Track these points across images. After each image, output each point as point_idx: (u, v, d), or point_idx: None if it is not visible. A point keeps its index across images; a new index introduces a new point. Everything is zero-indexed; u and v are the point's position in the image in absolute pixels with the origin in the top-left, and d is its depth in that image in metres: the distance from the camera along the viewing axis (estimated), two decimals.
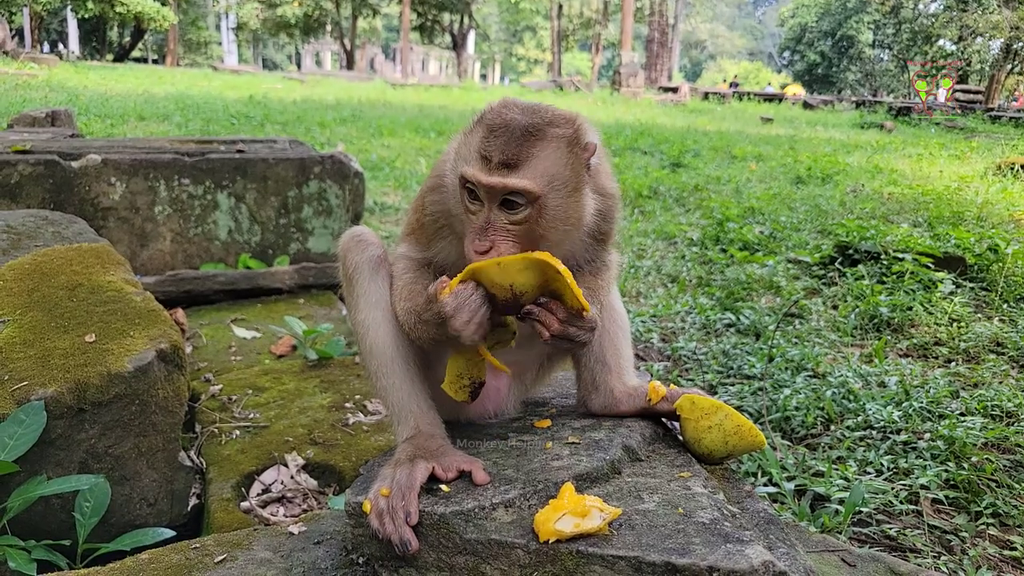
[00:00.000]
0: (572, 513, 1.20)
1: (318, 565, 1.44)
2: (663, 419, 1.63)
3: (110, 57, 39.26)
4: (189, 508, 1.96)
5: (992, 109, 25.78)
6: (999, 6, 32.99)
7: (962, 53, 34.90)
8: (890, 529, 2.22)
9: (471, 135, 1.34)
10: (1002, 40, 33.17)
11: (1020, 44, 32.52)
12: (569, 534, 1.18)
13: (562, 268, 1.23)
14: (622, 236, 6.34)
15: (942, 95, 26.92)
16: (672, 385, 1.62)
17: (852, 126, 19.88)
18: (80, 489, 1.66)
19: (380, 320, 1.46)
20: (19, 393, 1.66)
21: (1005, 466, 2.56)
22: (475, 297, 1.26)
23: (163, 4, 33.05)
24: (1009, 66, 34.32)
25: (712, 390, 3.28)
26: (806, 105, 27.46)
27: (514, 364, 1.66)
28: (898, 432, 2.82)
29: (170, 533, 1.73)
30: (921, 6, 44.13)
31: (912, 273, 4.62)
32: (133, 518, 1.82)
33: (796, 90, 41.02)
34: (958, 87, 29.76)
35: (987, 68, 37.06)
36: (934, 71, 26.43)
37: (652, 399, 1.58)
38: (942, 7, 40.58)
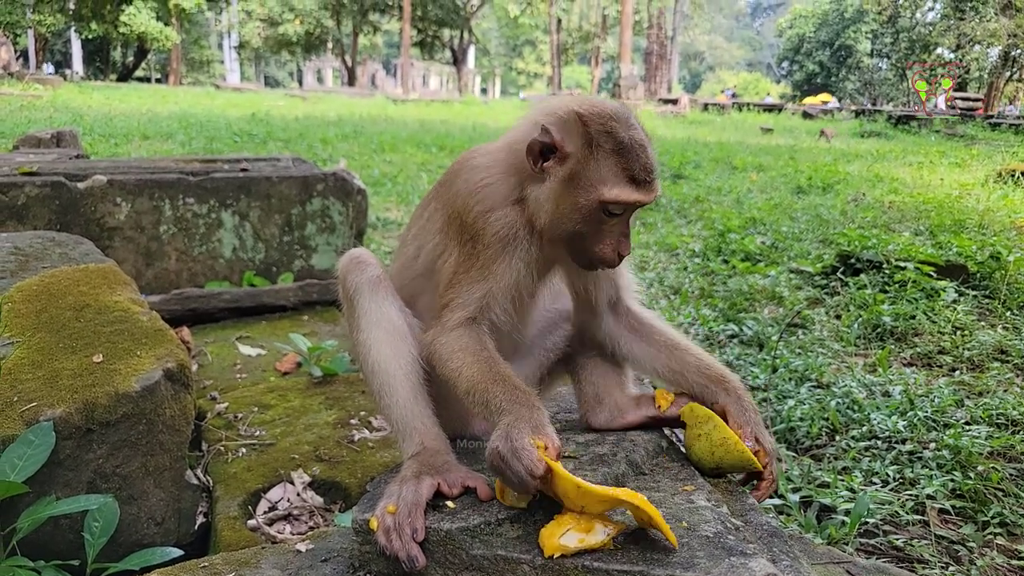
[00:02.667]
0: (576, 528, 1.21)
1: None
2: (668, 429, 1.64)
3: (114, 77, 39.61)
4: (196, 527, 1.97)
5: (991, 116, 25.82)
6: (996, 14, 33.15)
7: (960, 61, 35.03)
8: (897, 540, 2.21)
9: (598, 159, 1.32)
10: (1000, 48, 33.30)
11: (1018, 51, 32.63)
12: (574, 549, 1.19)
13: (655, 512, 1.20)
14: None
15: (941, 102, 26.98)
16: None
17: (852, 135, 19.93)
18: (89, 509, 1.67)
19: (382, 339, 1.48)
20: (28, 414, 1.68)
21: (1011, 475, 2.55)
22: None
23: (166, 24, 33.38)
24: (1008, 73, 34.41)
25: None
26: (805, 115, 27.55)
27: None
28: (903, 442, 2.82)
29: (178, 552, 1.73)
30: (919, 15, 44.35)
31: (915, 282, 4.63)
32: (141, 537, 1.83)
33: (826, 98, 41.10)
34: (958, 95, 29.88)
35: (986, 76, 37.18)
36: (934, 72, 26.53)
37: (661, 406, 1.58)
38: (939, 15, 40.78)
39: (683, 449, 1.59)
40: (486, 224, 1.40)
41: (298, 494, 2.09)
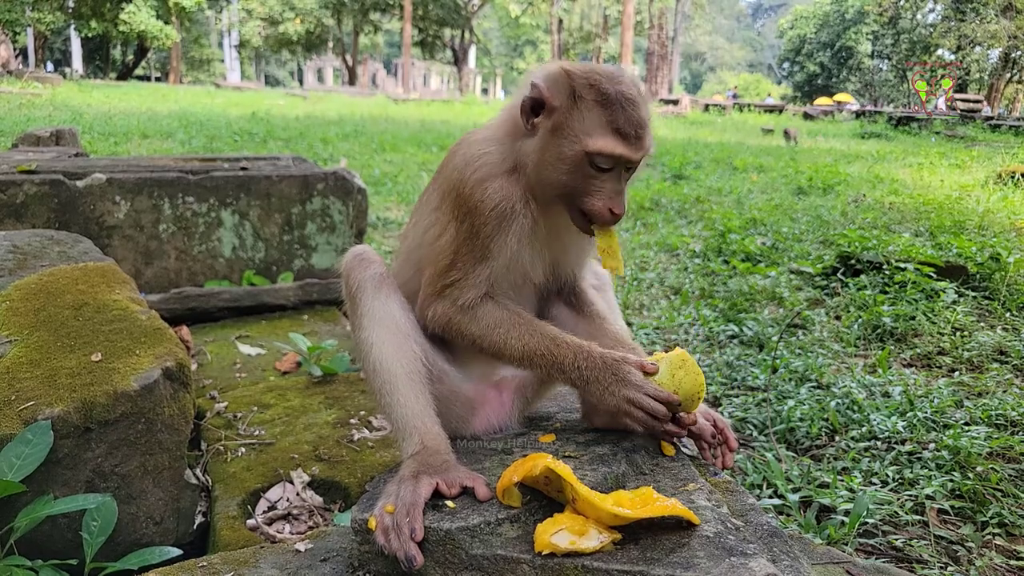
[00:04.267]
0: (570, 529, 1.21)
1: None
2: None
3: (113, 75, 39.61)
4: (195, 526, 1.96)
5: (992, 118, 25.84)
6: (996, 16, 33.16)
7: (961, 62, 35.06)
8: (896, 540, 2.21)
9: (581, 110, 1.35)
10: (1000, 49, 33.32)
11: (1018, 53, 32.64)
12: (563, 550, 1.19)
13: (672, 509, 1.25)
14: (625, 249, 6.37)
15: (942, 103, 26.99)
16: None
17: (852, 136, 19.94)
18: (87, 508, 1.66)
19: (384, 338, 1.47)
20: (26, 413, 1.67)
21: (1010, 475, 2.55)
22: None
23: (166, 22, 33.36)
24: (1008, 75, 34.43)
25: (716, 401, 3.28)
26: (806, 116, 27.55)
27: (514, 377, 1.67)
28: (903, 442, 2.81)
29: (177, 552, 1.73)
30: (919, 16, 44.37)
31: (914, 283, 4.63)
32: (139, 537, 1.83)
33: (845, 99, 41.10)
34: (958, 96, 29.89)
35: (986, 77, 37.20)
36: (933, 73, 26.52)
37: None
38: (940, 17, 40.80)
39: (686, 451, 1.59)
40: (483, 196, 1.42)
41: (297, 494, 2.09)
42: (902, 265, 4.83)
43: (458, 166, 1.47)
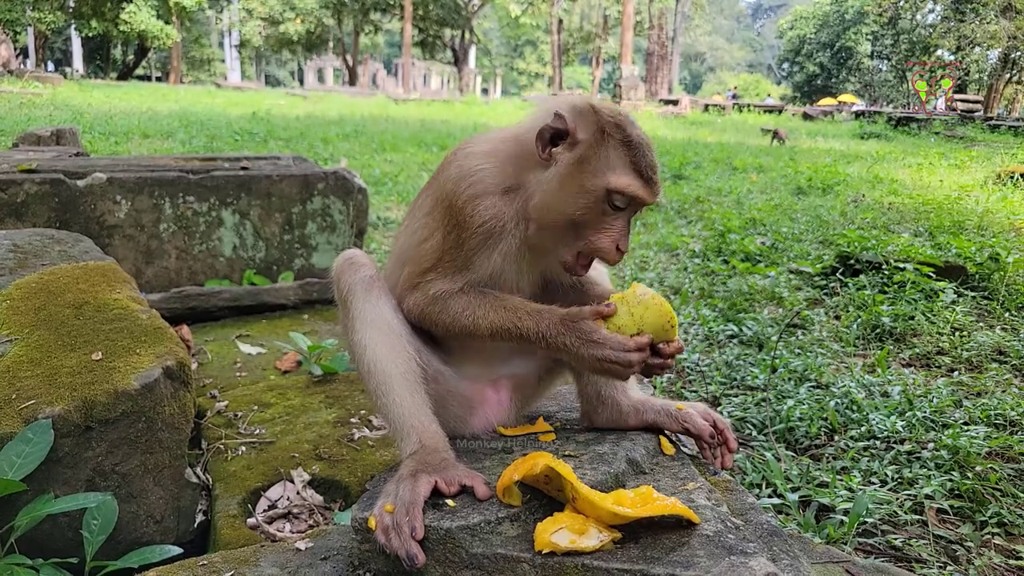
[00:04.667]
0: (570, 528, 1.21)
1: None
2: (671, 434, 1.64)
3: (114, 75, 39.62)
4: (196, 525, 1.97)
5: (991, 118, 25.84)
6: (996, 16, 33.17)
7: (960, 63, 35.07)
8: (895, 539, 2.22)
9: (608, 147, 1.37)
10: (1000, 50, 33.33)
11: (1018, 54, 32.65)
12: (563, 549, 1.19)
13: (672, 508, 1.25)
14: None
15: (941, 104, 27.00)
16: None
17: (852, 136, 19.94)
18: (87, 507, 1.67)
19: (377, 339, 1.48)
20: (27, 412, 1.68)
21: (1009, 475, 2.56)
22: None
23: (166, 22, 33.37)
24: (1007, 75, 34.44)
25: (715, 401, 3.29)
26: (806, 116, 27.56)
27: (512, 376, 1.67)
28: (902, 442, 2.82)
29: (177, 550, 1.73)
30: (919, 16, 44.38)
31: (914, 283, 4.63)
32: (140, 535, 1.83)
33: (850, 99, 41.12)
34: (957, 96, 29.88)
35: (985, 78, 37.20)
36: (933, 73, 26.52)
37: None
38: (940, 17, 40.80)
39: (687, 451, 1.59)
40: (474, 211, 1.43)
41: (298, 492, 2.09)
42: (901, 265, 4.84)
43: (452, 177, 1.47)
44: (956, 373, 3.59)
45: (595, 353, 1.35)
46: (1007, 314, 4.42)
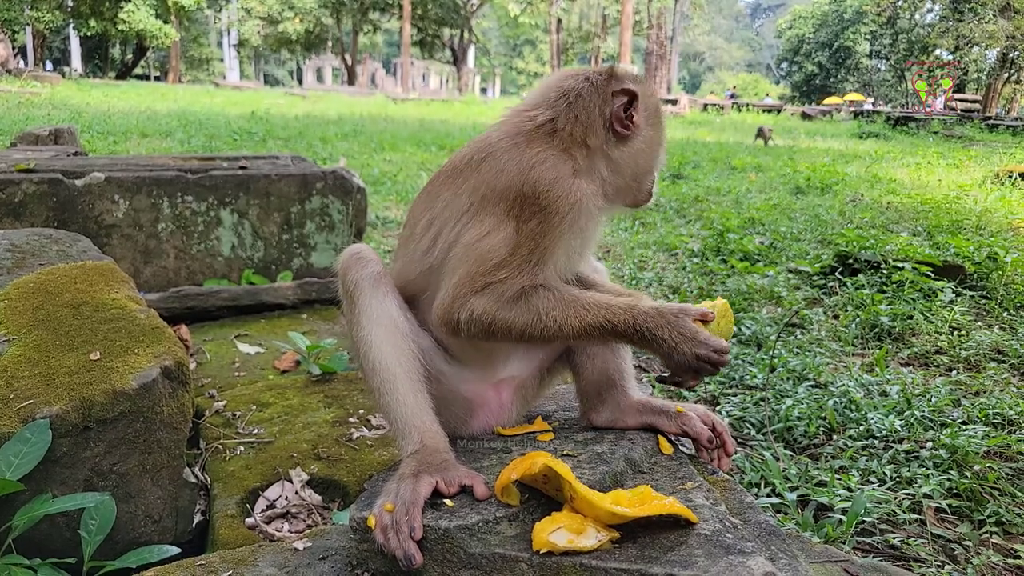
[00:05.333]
0: (568, 528, 1.21)
1: None
2: (669, 436, 1.63)
3: (112, 74, 39.56)
4: (194, 525, 1.96)
5: (989, 118, 25.87)
6: (995, 16, 33.18)
7: (959, 62, 35.11)
8: (893, 539, 2.22)
9: (660, 116, 1.59)
10: (998, 49, 33.35)
11: (1016, 53, 32.67)
12: (561, 548, 1.19)
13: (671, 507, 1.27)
14: (624, 248, 6.37)
15: (939, 104, 27.03)
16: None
17: (850, 136, 19.96)
18: (85, 507, 1.66)
19: (382, 336, 1.47)
20: (24, 411, 1.67)
21: (1008, 474, 2.56)
22: None
23: (165, 22, 33.34)
24: (1006, 75, 34.47)
25: (714, 400, 3.29)
26: (804, 116, 27.58)
27: (513, 377, 1.67)
28: (900, 441, 2.82)
29: (175, 550, 1.73)
30: (917, 16, 44.40)
31: (912, 282, 4.64)
32: (138, 535, 1.83)
33: (858, 98, 41.13)
34: (956, 96, 29.89)
35: (984, 77, 37.22)
36: (932, 72, 26.55)
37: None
38: (938, 17, 40.81)
39: (684, 451, 1.59)
40: (560, 193, 1.39)
41: (296, 492, 2.09)
42: (900, 264, 4.84)
43: (511, 169, 1.40)
44: (954, 372, 3.59)
45: (697, 351, 1.37)
46: (1005, 313, 4.43)
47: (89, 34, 33.72)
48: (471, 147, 1.52)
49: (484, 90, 64.38)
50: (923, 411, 3.01)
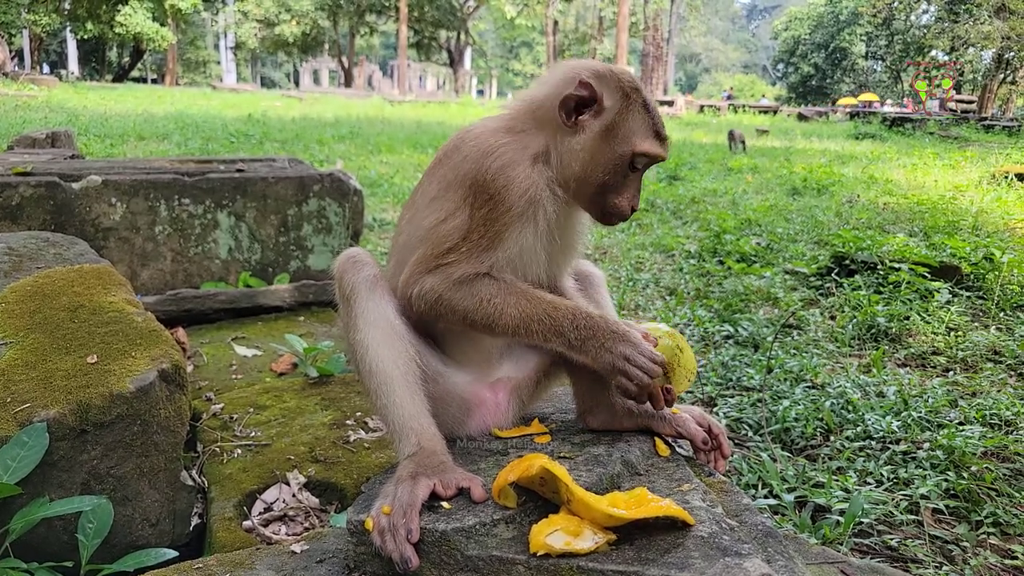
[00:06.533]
0: (565, 530, 1.21)
1: None
2: (666, 438, 1.64)
3: (109, 77, 39.53)
4: (191, 528, 1.96)
5: (985, 118, 25.95)
6: (990, 17, 33.29)
7: (956, 62, 35.20)
8: (891, 540, 2.22)
9: (631, 112, 1.43)
10: (994, 50, 33.46)
11: (1011, 54, 32.78)
12: (558, 551, 1.19)
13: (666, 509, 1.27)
14: (620, 250, 6.38)
15: (936, 105, 27.10)
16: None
17: (847, 137, 20.00)
18: (83, 510, 1.66)
19: (379, 339, 1.47)
20: (21, 415, 1.67)
21: (1005, 475, 2.56)
22: None
23: (162, 24, 33.32)
24: (1001, 76, 34.58)
25: (711, 402, 3.29)
26: (801, 116, 27.65)
27: (510, 379, 1.67)
28: (897, 442, 2.83)
29: (172, 553, 1.73)
30: (913, 17, 44.52)
31: (908, 283, 4.65)
32: (135, 539, 1.82)
33: (870, 98, 41.19)
34: (953, 97, 29.96)
35: (980, 78, 37.34)
36: (930, 73, 26.62)
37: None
38: (934, 18, 40.93)
39: (681, 452, 1.59)
40: (508, 181, 1.40)
41: (293, 495, 2.09)
42: (896, 265, 4.85)
43: (471, 156, 1.44)
44: (951, 373, 3.60)
45: (624, 350, 1.36)
46: (1002, 314, 4.44)
47: (86, 37, 33.70)
48: (452, 137, 1.57)
49: (481, 92, 64.40)
50: (920, 412, 3.02)
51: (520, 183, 1.40)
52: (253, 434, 2.38)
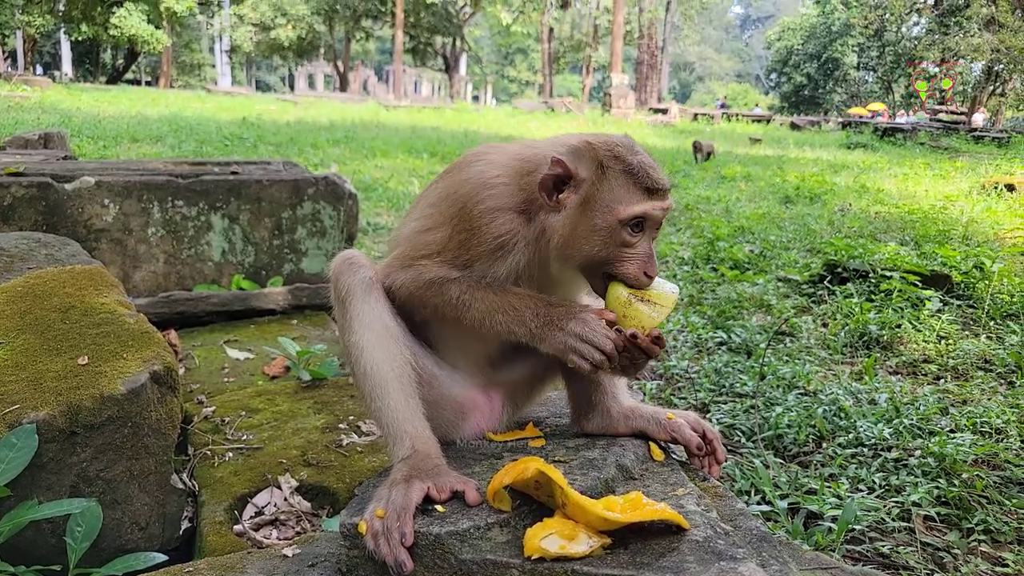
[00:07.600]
0: (559, 534, 1.21)
1: None
2: (660, 442, 1.63)
3: (103, 79, 39.38)
4: (181, 531, 1.95)
5: (975, 129, 26.19)
6: (980, 29, 33.65)
7: (956, 62, 35.52)
8: (883, 546, 2.23)
9: (610, 179, 1.38)
10: (983, 62, 33.80)
11: (1001, 66, 33.13)
12: (553, 555, 1.18)
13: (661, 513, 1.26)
14: None
15: (915, 116, 27.25)
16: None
17: (839, 146, 20.13)
18: (71, 513, 1.65)
19: (374, 342, 1.47)
20: (11, 416, 1.66)
21: (995, 482, 2.58)
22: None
23: (157, 27, 33.24)
24: (991, 88, 34.94)
25: (705, 408, 3.30)
26: (793, 126, 27.84)
27: (505, 382, 1.67)
28: (889, 449, 2.84)
29: (162, 557, 1.71)
30: (904, 29, 44.95)
31: (900, 291, 4.67)
32: (125, 542, 1.81)
33: (880, 107, 41.47)
34: (940, 108, 30.24)
35: (969, 90, 37.69)
36: (934, 73, 26.81)
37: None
38: (924, 30, 41.32)
39: (675, 457, 1.60)
40: (490, 223, 1.42)
41: (285, 499, 2.07)
42: (888, 274, 4.88)
43: (471, 181, 1.46)
44: (942, 381, 3.62)
45: (575, 328, 1.35)
46: (992, 323, 4.47)
47: (80, 39, 33.58)
48: (475, 149, 1.59)
49: (476, 98, 64.53)
50: (911, 419, 3.03)
51: (498, 227, 1.42)
52: (245, 437, 2.37)
